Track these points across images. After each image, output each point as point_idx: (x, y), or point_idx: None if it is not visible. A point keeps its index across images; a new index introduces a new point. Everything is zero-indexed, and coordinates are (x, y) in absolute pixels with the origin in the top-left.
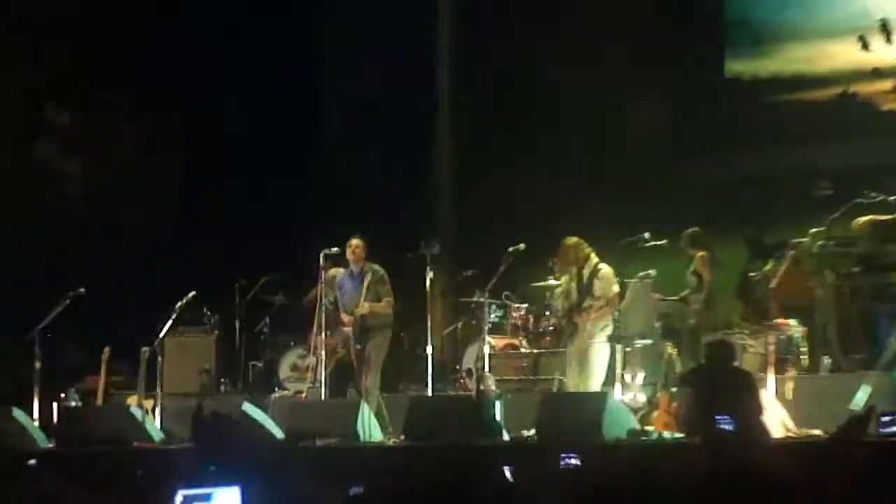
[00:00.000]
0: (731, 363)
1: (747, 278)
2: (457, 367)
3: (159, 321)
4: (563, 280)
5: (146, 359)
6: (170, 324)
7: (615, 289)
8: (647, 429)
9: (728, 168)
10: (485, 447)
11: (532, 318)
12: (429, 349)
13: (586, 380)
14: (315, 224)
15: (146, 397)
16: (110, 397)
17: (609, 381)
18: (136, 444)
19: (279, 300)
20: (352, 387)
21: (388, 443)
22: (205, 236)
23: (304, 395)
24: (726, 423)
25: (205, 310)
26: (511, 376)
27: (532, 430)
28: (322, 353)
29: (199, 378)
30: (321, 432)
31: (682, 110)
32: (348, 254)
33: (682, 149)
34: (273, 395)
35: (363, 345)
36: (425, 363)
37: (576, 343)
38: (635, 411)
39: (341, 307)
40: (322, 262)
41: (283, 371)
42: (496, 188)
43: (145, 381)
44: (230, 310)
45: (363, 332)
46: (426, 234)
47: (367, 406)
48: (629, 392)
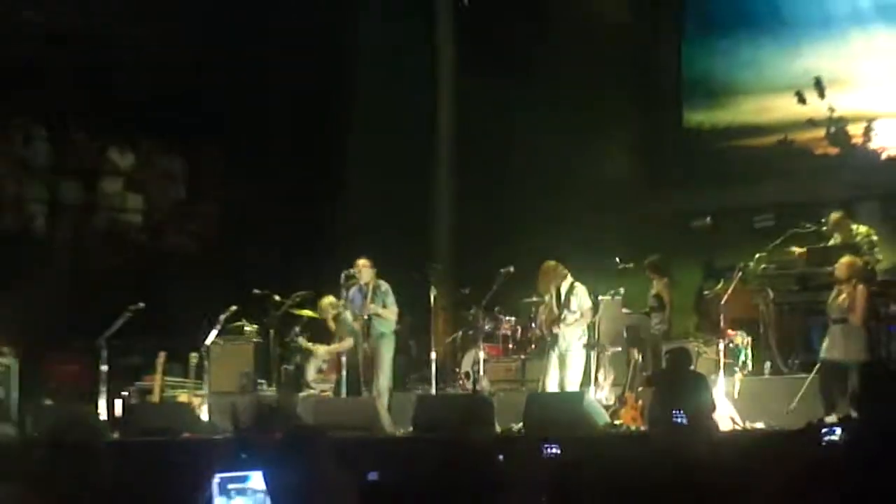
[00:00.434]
0: (687, 367)
1: (702, 296)
2: (456, 370)
3: (206, 331)
4: (547, 298)
5: (195, 362)
6: (215, 333)
7: (588, 303)
8: (616, 422)
9: (685, 203)
10: (480, 438)
11: (520, 328)
12: (433, 354)
13: (565, 380)
14: (337, 249)
15: (195, 395)
16: (164, 395)
17: (585, 381)
18: (187, 434)
19: (307, 313)
20: (363, 386)
21: (398, 434)
22: (244, 260)
23: (328, 393)
24: (680, 417)
25: (244, 321)
26: (502, 378)
27: (520, 424)
28: (343, 359)
29: (239, 379)
30: (342, 425)
31: (647, 154)
32: (358, 271)
33: (647, 187)
34: (301, 394)
35: (370, 347)
36: (430, 366)
37: (556, 350)
38: (607, 408)
39: (351, 315)
40: (343, 280)
41: (310, 374)
42: (490, 219)
43: (194, 381)
44: (266, 322)
45: (370, 336)
46: (430, 258)
47: (380, 403)
48: (602, 391)
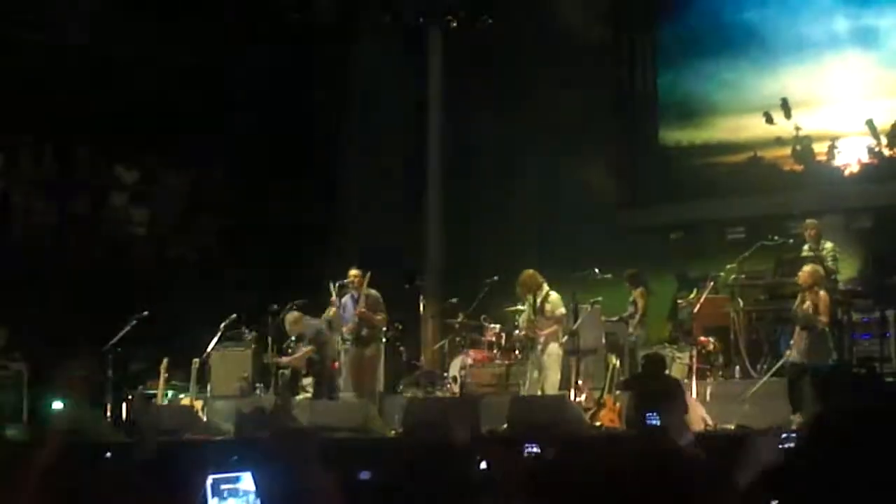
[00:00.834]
0: (662, 372)
1: (676, 304)
2: (444, 375)
3: (207, 338)
4: (526, 305)
5: (197, 368)
6: (216, 340)
7: (562, 310)
8: (596, 424)
9: (661, 217)
10: (466, 439)
11: (504, 335)
12: (422, 360)
13: (544, 383)
14: (331, 261)
15: (197, 398)
16: (168, 399)
17: (565, 385)
18: (189, 435)
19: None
20: (345, 389)
21: (388, 435)
22: (242, 271)
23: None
24: (654, 419)
25: (243, 329)
26: (487, 382)
27: (504, 425)
28: (338, 364)
29: (238, 383)
30: (336, 427)
31: (625, 171)
32: (349, 281)
33: (625, 202)
34: (297, 397)
35: (359, 352)
36: (419, 371)
37: (533, 354)
38: (587, 410)
39: (343, 322)
40: (336, 290)
41: (305, 378)
42: (477, 233)
43: (196, 385)
44: (264, 329)
45: (359, 340)
46: (419, 269)
47: (371, 405)
48: (581, 395)
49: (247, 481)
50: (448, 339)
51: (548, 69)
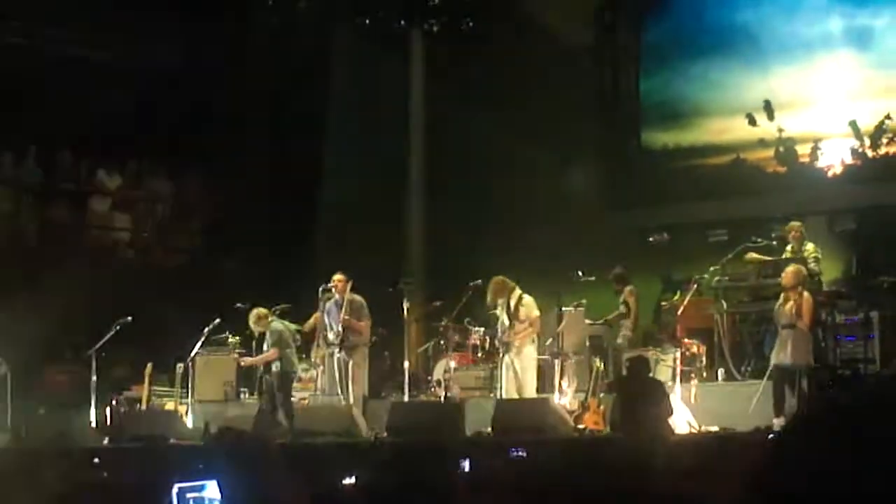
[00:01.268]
0: (646, 374)
1: (660, 306)
2: (428, 378)
3: (191, 342)
4: (498, 310)
5: (181, 373)
6: (199, 344)
7: (536, 313)
8: (580, 427)
9: (644, 219)
10: (451, 442)
11: (488, 338)
12: (406, 364)
13: (520, 386)
14: (315, 264)
15: (181, 403)
16: (151, 403)
17: (549, 388)
18: (173, 440)
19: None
20: (329, 394)
21: (373, 439)
22: (225, 275)
23: (306, 401)
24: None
25: (227, 333)
26: (471, 385)
27: (488, 429)
28: (322, 368)
29: (222, 388)
30: (320, 431)
31: (608, 173)
32: (333, 286)
33: (608, 204)
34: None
35: (343, 357)
36: (403, 375)
37: (508, 357)
38: (570, 413)
39: (328, 327)
40: (320, 294)
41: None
42: (459, 236)
43: (180, 390)
44: (247, 333)
45: (344, 347)
46: (403, 273)
47: (356, 409)
48: (565, 397)
49: (212, 489)
50: (432, 343)
51: (530, 72)
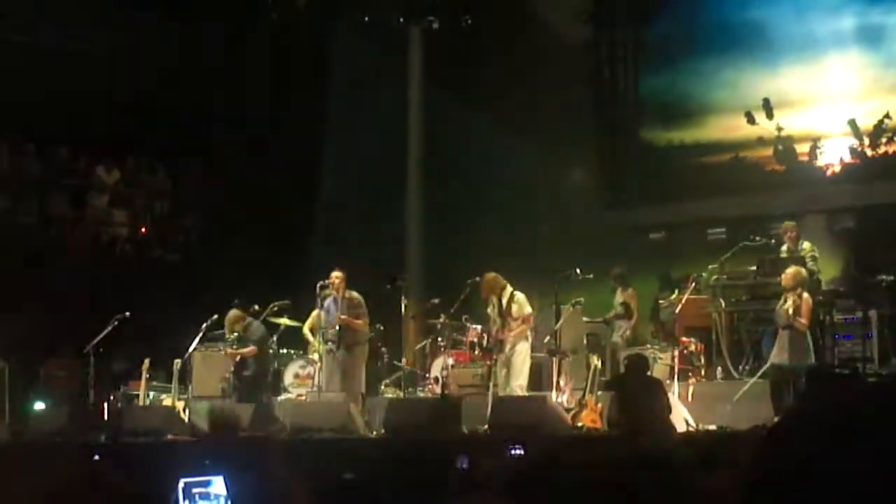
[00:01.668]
0: (644, 372)
1: (658, 305)
2: (426, 375)
3: (188, 338)
4: (490, 307)
5: (178, 368)
6: (197, 340)
7: (528, 310)
8: (577, 424)
9: (643, 217)
10: (448, 439)
11: (486, 335)
12: (403, 361)
13: (513, 383)
14: (313, 262)
15: (178, 399)
16: (149, 399)
17: (546, 386)
18: (170, 436)
19: (284, 321)
20: (327, 390)
21: (371, 435)
22: (224, 271)
23: (304, 397)
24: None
25: (224, 330)
26: (469, 382)
27: (486, 426)
28: (319, 364)
29: (220, 384)
30: (318, 427)
31: (607, 171)
32: (331, 283)
33: (606, 202)
34: (280, 398)
35: (341, 354)
36: (401, 372)
37: (502, 355)
38: (568, 411)
39: (326, 324)
40: (318, 291)
41: (288, 378)
42: (457, 234)
43: (178, 386)
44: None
45: (342, 344)
46: (401, 270)
47: (353, 406)
48: (563, 395)
49: (218, 485)
50: (429, 340)
51: (529, 68)
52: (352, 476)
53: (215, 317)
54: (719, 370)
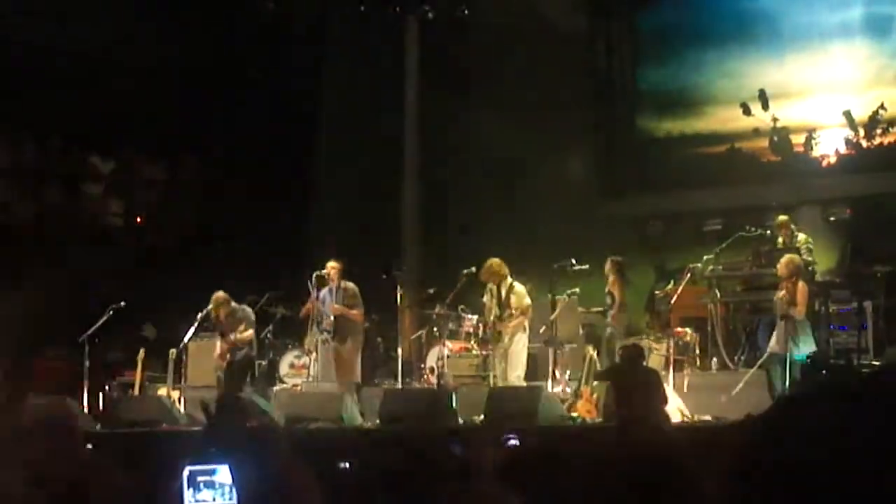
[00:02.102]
0: (640, 363)
1: (653, 295)
2: (422, 366)
3: (184, 328)
4: (486, 296)
5: (173, 358)
6: (192, 330)
7: (527, 301)
8: (572, 415)
9: (639, 208)
10: (444, 429)
11: (482, 326)
12: (399, 351)
13: (511, 374)
14: (309, 252)
15: (174, 389)
16: (144, 389)
17: (542, 376)
18: (165, 426)
19: (280, 312)
20: (323, 380)
21: (366, 426)
22: (220, 260)
23: (299, 387)
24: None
25: None
26: (465, 373)
27: (481, 416)
28: (315, 355)
29: (215, 374)
30: (313, 417)
31: (603, 162)
32: (327, 273)
33: (602, 192)
34: (275, 388)
35: (336, 344)
36: (396, 362)
37: (499, 346)
38: (563, 401)
39: (321, 315)
40: (314, 281)
41: (283, 368)
42: (453, 223)
43: (173, 376)
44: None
45: (337, 334)
46: (397, 260)
47: (349, 396)
48: (558, 385)
49: (223, 474)
50: (425, 330)
51: (525, 58)
52: (347, 465)
53: (210, 307)
54: (714, 361)
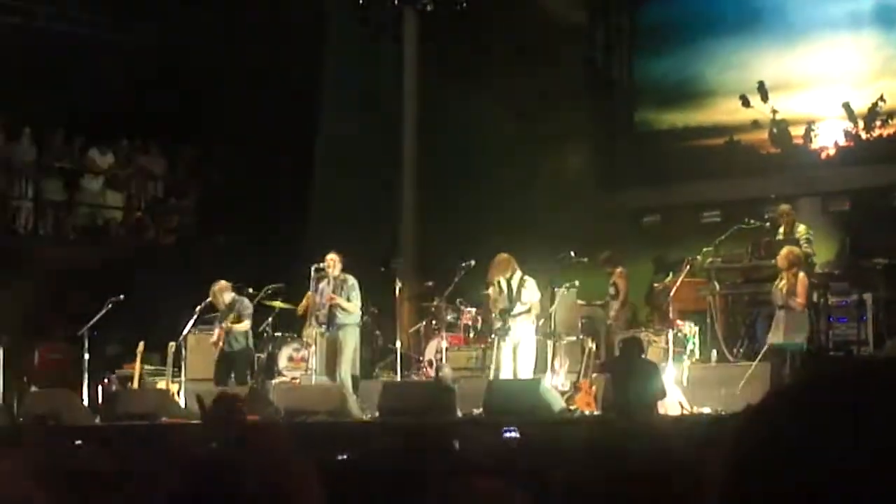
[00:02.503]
0: (639, 355)
1: (652, 287)
2: (420, 359)
3: (183, 321)
4: (491, 289)
5: (172, 351)
6: (191, 323)
7: (538, 296)
8: (572, 407)
9: (637, 200)
10: (442, 422)
11: (481, 319)
12: (398, 344)
13: (518, 370)
14: (308, 245)
15: (172, 382)
16: (143, 382)
17: (541, 369)
18: (165, 419)
19: (278, 305)
20: (320, 373)
21: (365, 418)
22: (218, 254)
23: (298, 380)
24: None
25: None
26: (463, 366)
27: (480, 409)
28: (313, 348)
29: (214, 367)
30: (312, 410)
31: (602, 154)
32: (326, 266)
33: (601, 185)
34: (274, 381)
35: (333, 336)
36: (395, 355)
37: (507, 341)
38: (562, 394)
39: (320, 307)
40: (313, 274)
41: (282, 361)
42: (452, 215)
43: (172, 369)
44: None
45: (332, 325)
46: (395, 252)
47: (348, 389)
48: (557, 378)
49: None
50: (424, 323)
51: (524, 52)
52: (345, 458)
53: (209, 300)
54: (714, 353)
